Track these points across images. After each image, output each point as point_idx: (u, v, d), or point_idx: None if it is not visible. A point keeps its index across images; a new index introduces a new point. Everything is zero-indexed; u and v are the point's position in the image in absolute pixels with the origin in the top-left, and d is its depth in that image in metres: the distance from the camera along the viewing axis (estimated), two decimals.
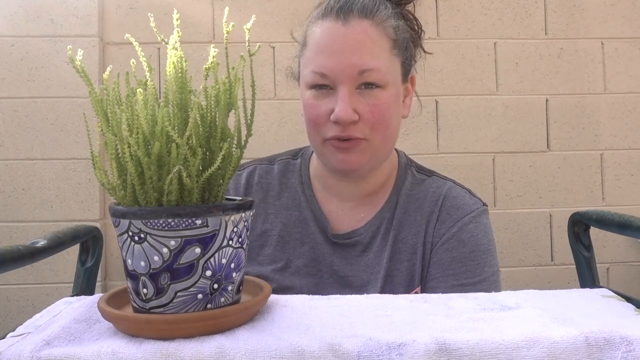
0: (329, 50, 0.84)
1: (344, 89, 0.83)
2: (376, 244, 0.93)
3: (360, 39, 0.83)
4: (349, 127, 0.84)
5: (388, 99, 0.86)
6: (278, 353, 0.49)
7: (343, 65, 0.83)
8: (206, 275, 0.54)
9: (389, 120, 0.87)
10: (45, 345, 0.51)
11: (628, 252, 1.84)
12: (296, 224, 0.96)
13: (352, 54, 0.83)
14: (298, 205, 0.97)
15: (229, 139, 0.59)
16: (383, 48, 0.85)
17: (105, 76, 0.58)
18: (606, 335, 0.50)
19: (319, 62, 0.85)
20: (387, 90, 0.86)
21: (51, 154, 1.70)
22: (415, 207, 0.94)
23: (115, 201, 0.58)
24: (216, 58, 0.59)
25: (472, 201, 0.94)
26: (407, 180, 0.96)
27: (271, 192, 0.98)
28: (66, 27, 1.71)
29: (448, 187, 0.95)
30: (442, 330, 0.53)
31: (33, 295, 1.70)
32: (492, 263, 0.91)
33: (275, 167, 1.01)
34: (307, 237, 0.95)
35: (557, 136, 1.82)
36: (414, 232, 0.92)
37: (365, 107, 0.84)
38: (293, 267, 0.93)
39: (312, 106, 0.87)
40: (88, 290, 0.80)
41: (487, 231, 0.93)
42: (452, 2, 1.80)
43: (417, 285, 0.90)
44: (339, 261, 0.93)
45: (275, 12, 1.79)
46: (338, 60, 0.83)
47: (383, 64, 0.85)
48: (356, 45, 0.83)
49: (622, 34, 1.84)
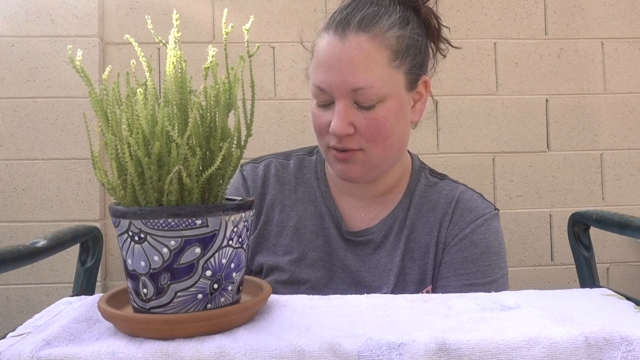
0: (326, 66, 0.86)
1: (339, 104, 0.86)
2: (389, 242, 0.94)
3: (354, 56, 0.84)
4: (345, 139, 0.86)
5: (386, 111, 0.86)
6: (278, 353, 0.49)
7: (338, 82, 0.85)
8: (206, 275, 0.54)
9: (388, 132, 0.87)
10: (45, 345, 0.51)
11: (628, 252, 1.84)
12: (312, 218, 0.97)
13: (346, 72, 0.84)
14: (314, 200, 0.99)
15: (229, 139, 0.59)
16: (380, 63, 0.85)
17: (105, 76, 0.58)
18: (606, 335, 0.50)
19: (318, 76, 0.87)
20: (385, 103, 0.86)
21: (51, 154, 1.70)
22: (428, 208, 0.95)
23: (115, 201, 0.58)
24: (215, 58, 0.59)
25: (485, 205, 0.96)
26: (420, 183, 0.98)
27: (287, 186, 1.00)
28: (66, 27, 1.71)
29: (461, 190, 0.97)
30: (442, 330, 0.53)
31: (33, 295, 1.70)
32: (502, 265, 0.93)
33: (291, 162, 1.03)
34: (322, 231, 0.96)
35: (557, 136, 1.82)
36: (427, 232, 0.94)
37: (362, 121, 0.86)
38: (308, 259, 0.95)
39: (315, 115, 0.91)
40: (88, 290, 0.80)
41: (498, 234, 0.95)
42: (452, 2, 1.80)
43: (428, 284, 0.92)
44: (351, 258, 0.94)
45: (275, 12, 1.79)
46: (333, 77, 0.85)
47: (378, 79, 0.85)
48: (350, 62, 0.84)
49: (622, 34, 1.84)
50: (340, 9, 0.89)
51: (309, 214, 0.98)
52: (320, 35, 0.89)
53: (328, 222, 0.97)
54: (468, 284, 0.90)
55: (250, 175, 1.02)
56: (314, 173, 1.01)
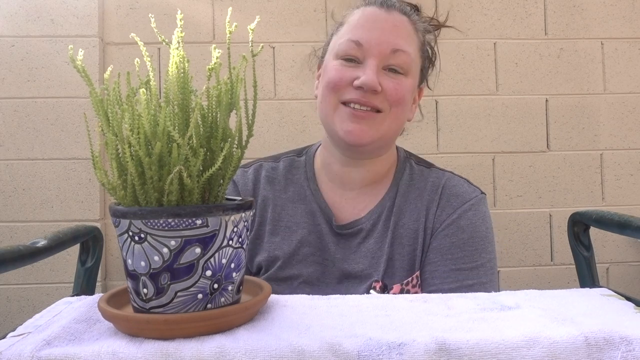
0: (369, 26, 0.91)
1: (373, 62, 0.90)
2: (377, 230, 0.96)
3: (399, 24, 0.92)
4: (371, 95, 0.89)
5: (408, 85, 0.93)
6: (278, 353, 0.49)
7: (380, 40, 0.90)
8: (206, 275, 0.54)
9: (405, 104, 0.93)
10: (45, 345, 0.51)
11: (628, 252, 1.84)
12: (303, 215, 0.99)
13: (390, 33, 0.91)
14: (304, 199, 1.01)
15: (230, 139, 0.59)
16: (414, 42, 0.94)
17: (106, 76, 0.58)
18: (606, 335, 0.50)
19: (358, 33, 0.91)
20: (408, 78, 0.93)
21: (51, 154, 1.70)
22: (415, 195, 0.98)
23: (116, 201, 0.58)
24: (219, 59, 0.59)
25: (471, 189, 0.99)
26: (406, 171, 1.01)
27: (277, 186, 1.03)
28: (66, 27, 1.71)
29: (447, 177, 1.01)
30: (442, 330, 0.53)
31: (33, 295, 1.70)
32: (489, 250, 0.95)
33: (281, 164, 1.05)
34: (313, 228, 0.98)
35: (557, 136, 1.82)
36: (414, 218, 0.96)
37: (389, 84, 0.90)
38: (300, 254, 0.97)
39: (337, 70, 0.92)
40: (88, 290, 0.80)
41: (485, 219, 0.97)
42: (452, 2, 1.80)
43: (417, 268, 0.94)
44: (342, 252, 0.96)
45: (275, 12, 1.79)
46: (376, 34, 0.90)
47: (413, 51, 0.93)
48: (395, 28, 0.91)
49: (621, 34, 1.84)
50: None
51: (299, 212, 1.00)
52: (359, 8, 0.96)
53: (319, 218, 0.99)
54: (455, 268, 0.91)
55: (240, 179, 1.05)
56: (303, 173, 1.03)
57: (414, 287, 0.92)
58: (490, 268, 0.94)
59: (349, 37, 0.92)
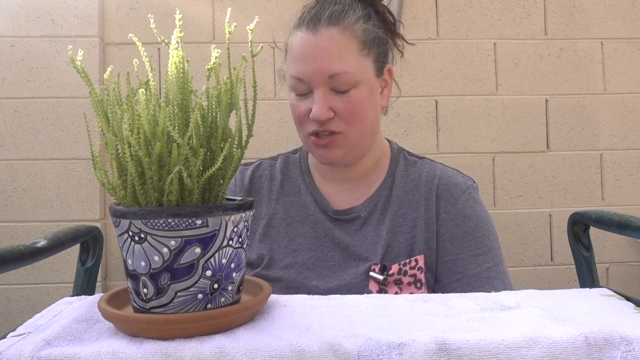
0: (302, 58, 0.95)
1: (318, 91, 0.94)
2: (374, 218, 1.02)
3: (327, 47, 0.93)
4: (327, 122, 0.94)
5: (360, 95, 0.95)
6: (278, 353, 0.49)
7: (314, 71, 0.93)
8: (206, 275, 0.54)
9: (364, 114, 0.96)
10: (45, 345, 0.51)
11: (627, 252, 1.84)
12: (296, 208, 1.05)
13: (322, 61, 0.93)
14: (298, 192, 1.07)
15: (230, 139, 0.59)
16: (351, 51, 0.95)
17: (106, 76, 0.58)
18: (606, 335, 0.50)
19: (296, 68, 0.95)
20: (359, 88, 0.95)
21: (52, 154, 1.70)
22: (412, 186, 1.03)
23: (116, 201, 0.58)
24: (218, 59, 0.59)
25: (465, 179, 1.05)
26: (400, 162, 1.07)
27: (275, 182, 1.09)
28: (66, 28, 1.71)
29: (440, 168, 1.06)
30: (442, 330, 0.53)
31: (33, 295, 1.70)
32: (493, 232, 1.03)
33: (278, 162, 1.12)
34: (307, 219, 1.04)
35: (556, 136, 1.82)
36: (413, 208, 1.01)
37: (340, 105, 0.94)
38: (295, 244, 1.02)
39: (294, 106, 0.99)
40: (88, 290, 0.80)
41: (482, 205, 1.04)
42: (452, 2, 1.80)
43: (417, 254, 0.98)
44: (339, 233, 1.01)
45: (275, 13, 1.79)
46: (311, 66, 0.94)
47: (351, 65, 0.94)
48: (325, 52, 0.93)
49: (621, 34, 1.84)
50: (308, 9, 0.99)
51: (294, 205, 1.05)
52: (292, 34, 0.98)
53: (312, 208, 1.04)
54: (472, 254, 0.98)
55: (238, 175, 1.11)
56: (298, 168, 1.10)
57: (412, 269, 0.97)
58: (498, 248, 1.01)
59: (291, 74, 0.97)
